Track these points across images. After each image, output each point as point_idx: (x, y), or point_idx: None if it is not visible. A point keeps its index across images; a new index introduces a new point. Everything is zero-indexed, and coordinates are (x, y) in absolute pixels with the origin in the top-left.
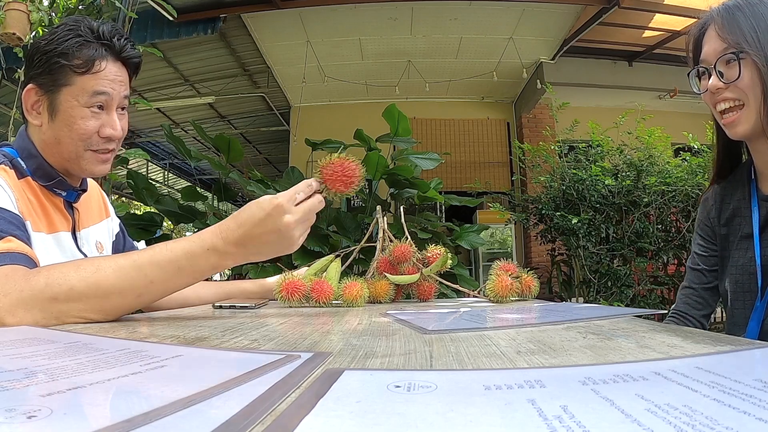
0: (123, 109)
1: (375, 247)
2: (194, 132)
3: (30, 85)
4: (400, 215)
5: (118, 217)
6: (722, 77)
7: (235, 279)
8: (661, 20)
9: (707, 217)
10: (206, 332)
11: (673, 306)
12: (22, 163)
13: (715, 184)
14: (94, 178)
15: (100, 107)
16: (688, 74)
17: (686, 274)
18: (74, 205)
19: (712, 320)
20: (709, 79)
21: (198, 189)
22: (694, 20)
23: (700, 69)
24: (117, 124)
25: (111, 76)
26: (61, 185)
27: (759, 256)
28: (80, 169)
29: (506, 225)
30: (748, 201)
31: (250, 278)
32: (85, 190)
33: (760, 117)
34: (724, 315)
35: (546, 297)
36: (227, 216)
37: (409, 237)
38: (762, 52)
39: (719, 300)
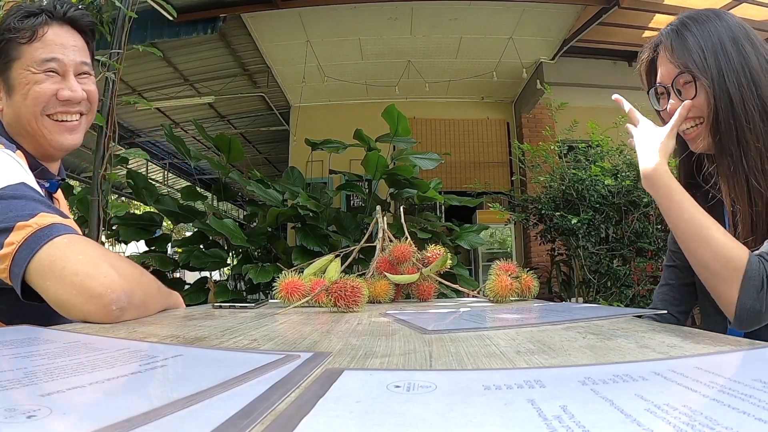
0: (85, 74)
1: (375, 247)
2: (194, 132)
3: None
4: (400, 215)
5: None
6: (680, 95)
7: (234, 278)
8: (661, 20)
9: None
10: (205, 332)
11: (650, 305)
12: None
13: None
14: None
15: (55, 72)
16: (648, 92)
17: (663, 273)
18: (54, 195)
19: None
20: (668, 98)
21: (198, 189)
22: None
23: (659, 89)
24: (76, 86)
25: (60, 41)
26: (43, 175)
27: None
28: (47, 142)
29: (506, 225)
30: (721, 212)
31: (250, 278)
32: (64, 180)
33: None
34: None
35: (546, 297)
36: (227, 216)
37: (408, 237)
38: (708, 72)
39: (696, 300)
